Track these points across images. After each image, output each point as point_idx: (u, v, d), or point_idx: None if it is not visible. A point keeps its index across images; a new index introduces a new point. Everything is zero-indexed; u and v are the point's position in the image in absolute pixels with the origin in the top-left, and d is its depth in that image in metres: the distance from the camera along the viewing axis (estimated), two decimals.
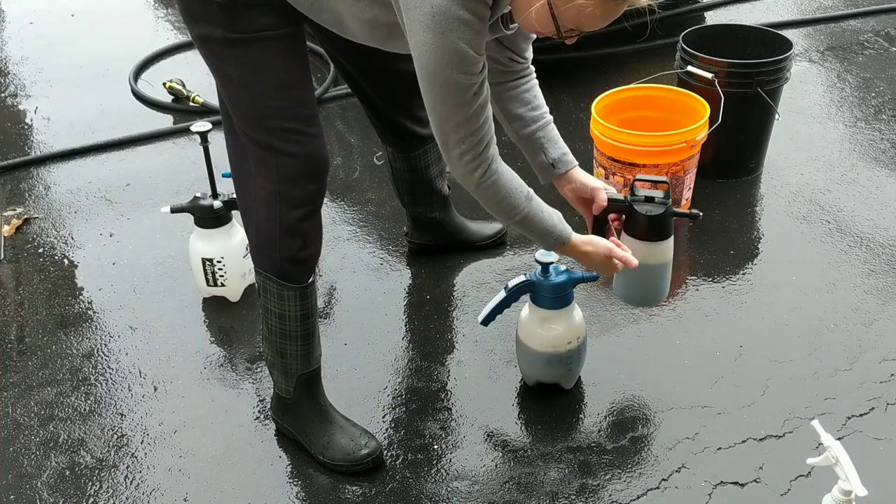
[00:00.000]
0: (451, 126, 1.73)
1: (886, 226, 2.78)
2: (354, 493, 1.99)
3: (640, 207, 2.04)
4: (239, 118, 1.86)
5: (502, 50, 2.00)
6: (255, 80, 1.80)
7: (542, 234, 1.93)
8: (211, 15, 1.76)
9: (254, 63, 1.80)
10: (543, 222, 1.92)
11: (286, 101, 1.83)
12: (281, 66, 1.82)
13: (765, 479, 1.97)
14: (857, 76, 3.73)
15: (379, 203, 3.01)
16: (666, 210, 2.05)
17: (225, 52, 1.80)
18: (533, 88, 2.07)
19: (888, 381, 2.22)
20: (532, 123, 2.05)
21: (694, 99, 2.88)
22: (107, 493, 2.02)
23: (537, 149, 2.07)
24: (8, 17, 4.82)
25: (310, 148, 1.87)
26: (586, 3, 1.57)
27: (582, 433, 2.12)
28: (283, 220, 1.88)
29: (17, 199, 3.13)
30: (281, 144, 1.83)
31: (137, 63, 4.03)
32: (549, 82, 3.85)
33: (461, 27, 1.59)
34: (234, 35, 1.77)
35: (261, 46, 1.79)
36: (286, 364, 2.03)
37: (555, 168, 2.07)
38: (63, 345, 2.46)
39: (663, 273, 2.14)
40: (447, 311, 2.54)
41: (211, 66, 1.86)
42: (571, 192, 2.09)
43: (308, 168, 1.87)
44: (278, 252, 1.91)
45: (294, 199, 1.87)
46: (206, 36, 1.80)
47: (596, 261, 2.00)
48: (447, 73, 1.64)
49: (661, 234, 2.08)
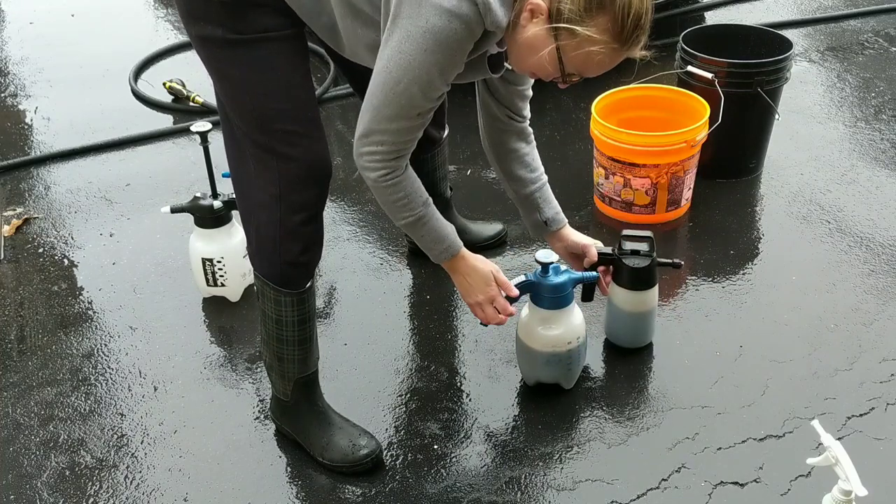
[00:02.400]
0: (381, 128, 1.74)
1: (886, 226, 2.78)
2: (354, 494, 1.99)
3: (628, 260, 2.24)
4: (240, 120, 1.84)
5: (500, 108, 2.11)
6: (257, 81, 1.78)
7: (435, 239, 1.93)
8: (212, 15, 1.74)
9: (256, 64, 1.78)
10: (437, 230, 1.93)
11: (289, 104, 1.81)
12: (283, 67, 1.80)
13: (765, 479, 1.97)
14: (857, 76, 3.73)
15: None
16: (651, 262, 2.24)
17: (226, 52, 1.78)
18: (533, 151, 2.21)
19: (888, 381, 2.22)
20: (531, 184, 2.20)
21: (694, 99, 2.89)
22: (107, 493, 2.02)
23: (533, 208, 2.22)
24: (8, 17, 4.83)
25: (312, 152, 1.85)
26: (598, 50, 1.65)
27: (582, 433, 2.12)
28: (284, 223, 1.86)
29: (17, 199, 3.13)
30: (283, 147, 1.82)
31: (137, 63, 4.03)
32: (550, 82, 3.87)
33: (444, 52, 1.62)
34: (235, 36, 1.75)
35: (263, 47, 1.77)
36: (283, 368, 2.03)
37: (548, 226, 2.24)
38: (63, 345, 2.47)
39: (649, 318, 2.33)
40: (447, 311, 2.54)
41: (211, 68, 1.84)
42: (563, 250, 2.26)
43: (310, 172, 1.85)
44: (278, 256, 1.89)
45: (295, 203, 1.85)
46: (206, 36, 1.78)
47: (480, 275, 2.00)
48: (410, 87, 1.67)
49: (646, 284, 2.27)
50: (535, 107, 2.23)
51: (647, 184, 2.77)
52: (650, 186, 2.77)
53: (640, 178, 2.76)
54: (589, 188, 2.98)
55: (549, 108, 3.49)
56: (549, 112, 3.46)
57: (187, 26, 1.82)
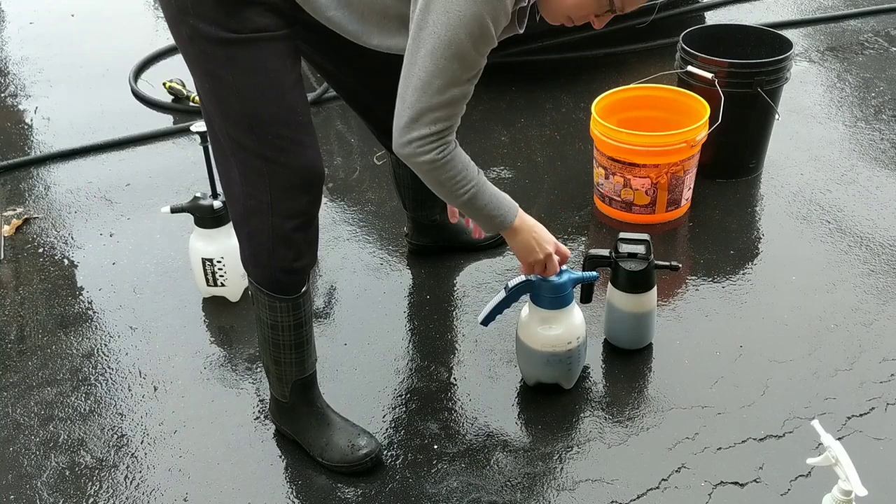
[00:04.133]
0: (433, 103, 1.70)
1: (886, 226, 2.78)
2: (354, 494, 1.99)
3: (625, 264, 2.23)
4: (227, 123, 1.78)
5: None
6: (249, 83, 1.74)
7: (498, 205, 1.89)
8: (206, 11, 1.69)
9: (248, 65, 1.73)
10: (496, 194, 1.90)
11: (280, 107, 1.77)
12: (277, 69, 1.76)
13: (765, 479, 1.97)
14: (857, 76, 3.73)
15: (379, 203, 3.01)
16: (648, 265, 2.23)
17: (218, 52, 1.72)
18: None
19: (888, 381, 2.22)
20: None
21: (694, 99, 2.89)
22: (107, 493, 2.02)
23: None
24: (8, 17, 4.82)
25: (302, 158, 1.81)
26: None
27: (582, 433, 2.12)
28: (277, 230, 1.82)
29: (17, 199, 3.13)
30: (273, 153, 1.77)
31: (137, 63, 4.03)
32: (550, 82, 3.87)
33: (495, 2, 1.61)
34: (228, 34, 1.71)
35: (256, 47, 1.73)
36: (280, 371, 2.02)
37: None
38: (63, 345, 2.47)
39: (648, 319, 2.32)
40: (447, 311, 2.54)
41: (199, 69, 1.78)
42: None
43: (302, 180, 1.81)
44: (272, 263, 1.86)
45: (287, 210, 1.82)
46: (197, 35, 1.72)
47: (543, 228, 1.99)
48: (464, 44, 1.64)
49: (644, 287, 2.26)
50: (534, 107, 2.23)
51: (647, 184, 2.77)
52: (650, 186, 2.77)
53: (640, 178, 2.76)
54: (589, 188, 2.98)
55: (548, 108, 3.49)
56: (548, 112, 3.46)
57: (176, 25, 1.75)
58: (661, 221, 2.84)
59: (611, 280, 2.29)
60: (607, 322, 2.37)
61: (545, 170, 3.16)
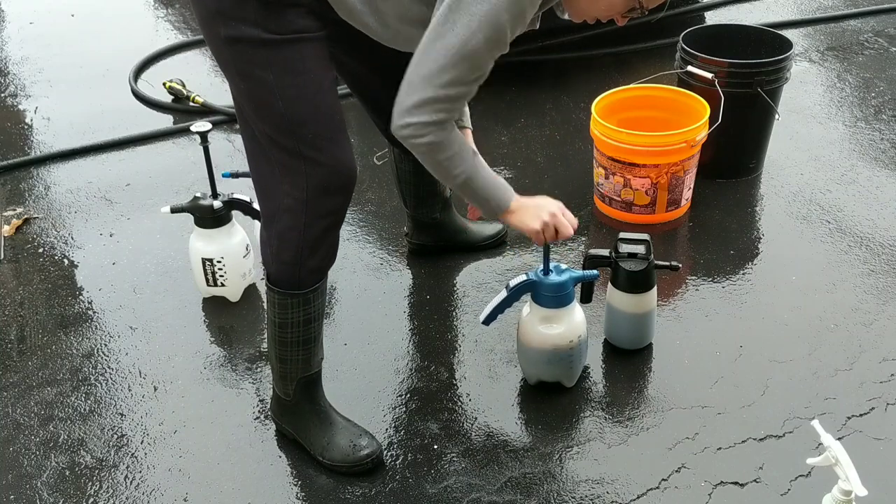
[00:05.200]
0: (439, 95, 1.73)
1: (886, 226, 2.78)
2: (354, 494, 1.99)
3: (625, 264, 2.23)
4: (265, 124, 1.80)
5: None
6: (290, 83, 1.76)
7: (494, 185, 1.91)
8: (248, 14, 1.71)
9: (288, 66, 1.75)
10: (492, 175, 1.92)
11: (319, 107, 1.80)
12: (315, 70, 1.79)
13: (765, 479, 1.97)
14: (857, 76, 3.73)
15: (379, 203, 3.01)
16: (648, 265, 2.23)
17: (260, 53, 1.74)
18: None
19: (888, 381, 2.22)
20: None
21: (694, 99, 2.89)
22: (107, 493, 2.02)
23: None
24: (8, 17, 4.83)
25: (340, 157, 1.83)
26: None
27: (582, 433, 2.12)
28: (307, 229, 1.85)
29: (17, 199, 3.13)
30: (311, 152, 1.80)
31: (137, 63, 4.03)
32: (550, 82, 3.88)
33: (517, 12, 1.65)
34: (270, 36, 1.72)
35: (297, 49, 1.75)
36: (285, 369, 2.02)
37: None
38: (63, 345, 2.47)
39: (648, 319, 2.32)
40: (447, 311, 2.54)
41: (237, 70, 1.79)
42: None
43: (338, 178, 1.84)
44: (299, 260, 1.88)
45: (320, 209, 1.84)
46: (238, 37, 1.73)
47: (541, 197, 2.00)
48: (479, 47, 1.68)
49: (644, 287, 2.26)
50: (534, 107, 2.23)
51: (647, 184, 2.77)
52: (650, 186, 2.77)
53: (640, 178, 2.76)
54: (589, 188, 2.98)
55: (549, 108, 3.49)
56: (549, 112, 3.46)
57: (212, 27, 1.76)
58: (661, 221, 2.84)
59: (611, 280, 2.29)
60: (607, 322, 2.37)
61: (545, 170, 3.16)
